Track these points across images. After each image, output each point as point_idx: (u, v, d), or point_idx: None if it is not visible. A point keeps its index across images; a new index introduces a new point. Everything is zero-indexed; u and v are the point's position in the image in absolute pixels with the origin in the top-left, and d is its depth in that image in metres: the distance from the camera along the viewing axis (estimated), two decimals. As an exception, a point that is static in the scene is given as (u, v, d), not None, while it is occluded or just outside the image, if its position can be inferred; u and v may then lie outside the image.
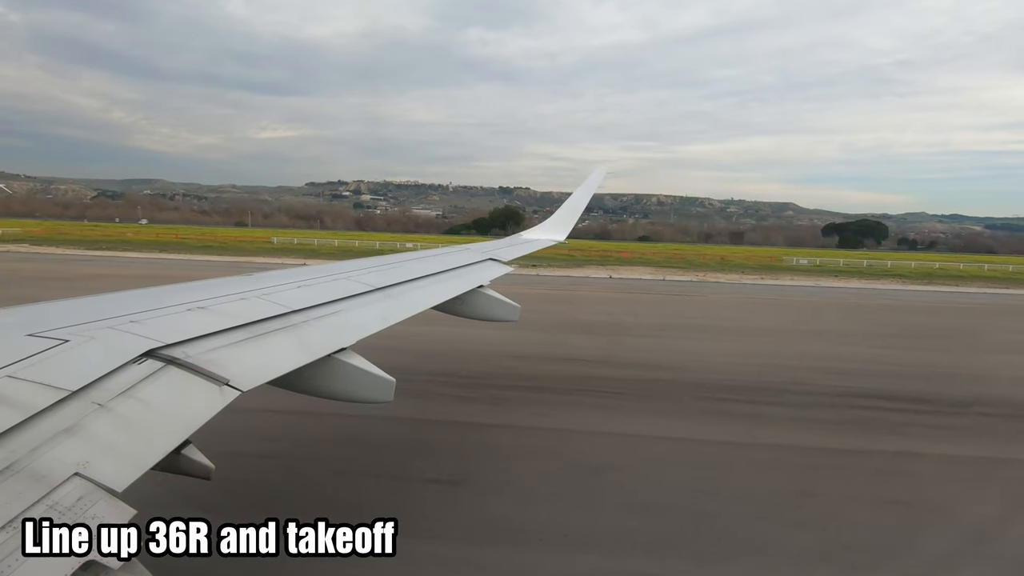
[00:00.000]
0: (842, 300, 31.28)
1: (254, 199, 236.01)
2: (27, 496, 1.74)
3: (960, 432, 10.19)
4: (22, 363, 2.34)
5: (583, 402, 10.84)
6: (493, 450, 8.46)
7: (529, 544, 5.98)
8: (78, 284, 25.16)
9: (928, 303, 31.54)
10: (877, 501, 7.31)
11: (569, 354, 14.67)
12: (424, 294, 5.97)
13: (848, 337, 19.22)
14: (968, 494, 7.70)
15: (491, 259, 8.82)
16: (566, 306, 24.21)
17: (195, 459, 2.55)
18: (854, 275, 48.50)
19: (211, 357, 2.96)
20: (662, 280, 39.17)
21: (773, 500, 7.20)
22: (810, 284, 39.87)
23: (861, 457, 8.75)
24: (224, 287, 4.27)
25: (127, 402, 2.36)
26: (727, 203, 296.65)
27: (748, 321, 22.38)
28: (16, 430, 1.96)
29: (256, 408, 9.06)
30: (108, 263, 36.73)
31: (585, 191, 14.32)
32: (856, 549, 6.15)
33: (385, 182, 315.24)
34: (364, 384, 3.93)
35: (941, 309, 29.23)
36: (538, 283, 32.27)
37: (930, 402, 11.78)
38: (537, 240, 12.34)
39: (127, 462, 2.10)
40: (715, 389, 11.99)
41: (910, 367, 14.96)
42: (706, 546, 6.09)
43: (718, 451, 8.74)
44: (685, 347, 16.78)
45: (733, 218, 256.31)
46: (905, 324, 23.34)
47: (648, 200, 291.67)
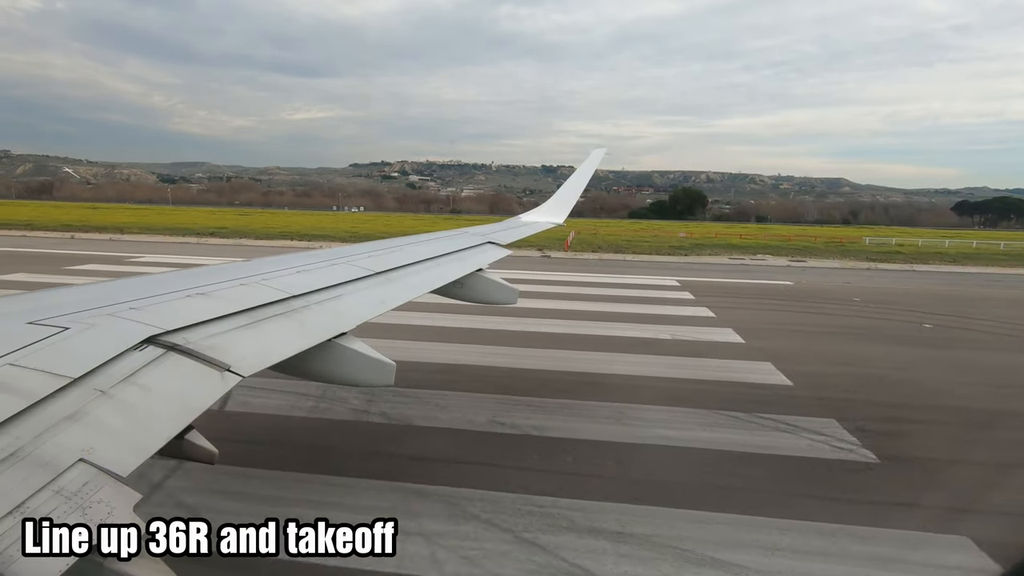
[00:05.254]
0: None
1: (330, 183, 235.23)
2: (33, 482, 1.76)
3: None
4: (24, 351, 2.34)
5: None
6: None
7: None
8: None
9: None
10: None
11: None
12: (423, 278, 5.97)
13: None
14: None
15: (489, 242, 8.80)
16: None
17: (198, 444, 2.57)
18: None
19: (212, 343, 2.97)
20: (901, 270, 33.40)
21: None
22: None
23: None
24: (224, 273, 4.26)
25: (129, 388, 2.38)
26: (777, 179, 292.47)
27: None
28: (20, 417, 1.97)
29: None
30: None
31: (583, 173, 14.23)
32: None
33: (428, 162, 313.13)
34: (364, 368, 3.95)
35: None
36: (790, 274, 29.14)
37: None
38: (535, 223, 12.30)
39: (131, 447, 2.12)
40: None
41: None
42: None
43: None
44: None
45: (790, 195, 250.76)
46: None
47: (697, 176, 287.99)
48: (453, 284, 6.69)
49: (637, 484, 7.00)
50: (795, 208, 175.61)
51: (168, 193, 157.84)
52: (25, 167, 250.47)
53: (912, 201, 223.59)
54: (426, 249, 7.11)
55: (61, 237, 40.62)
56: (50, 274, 22.08)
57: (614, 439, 8.26)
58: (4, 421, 1.92)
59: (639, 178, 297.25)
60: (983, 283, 29.24)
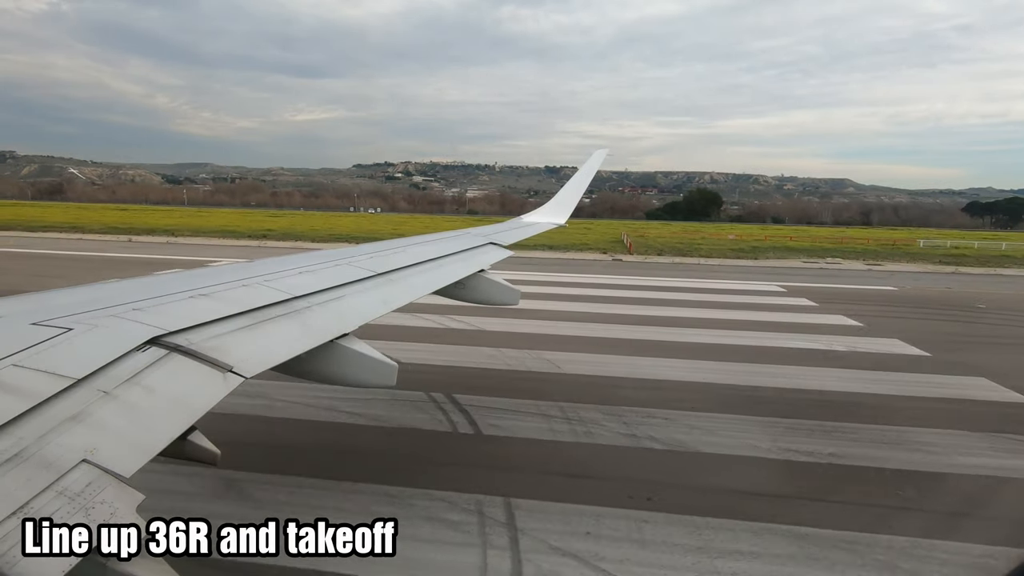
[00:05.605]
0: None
1: (334, 183, 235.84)
2: (37, 482, 1.77)
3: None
4: (27, 351, 2.35)
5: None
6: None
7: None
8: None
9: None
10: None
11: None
12: (425, 279, 5.98)
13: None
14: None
15: (491, 243, 8.81)
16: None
17: (201, 445, 2.58)
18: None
19: (214, 344, 2.98)
20: (987, 274, 32.14)
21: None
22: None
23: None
24: (225, 274, 4.28)
25: (132, 389, 2.39)
26: (781, 180, 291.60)
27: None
28: (23, 418, 1.98)
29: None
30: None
31: (585, 174, 14.23)
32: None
33: (432, 163, 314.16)
34: (367, 369, 3.96)
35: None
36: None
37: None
38: (537, 224, 12.29)
39: (134, 448, 2.13)
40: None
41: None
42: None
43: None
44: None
45: (794, 195, 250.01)
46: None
47: (701, 177, 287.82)
48: (455, 285, 6.69)
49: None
50: (804, 209, 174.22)
51: (184, 195, 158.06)
52: (30, 168, 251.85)
53: (918, 202, 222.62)
54: (428, 250, 7.13)
55: (118, 240, 40.23)
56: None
57: (922, 468, 7.58)
58: (7, 422, 1.93)
59: (643, 179, 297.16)
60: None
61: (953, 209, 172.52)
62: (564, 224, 12.93)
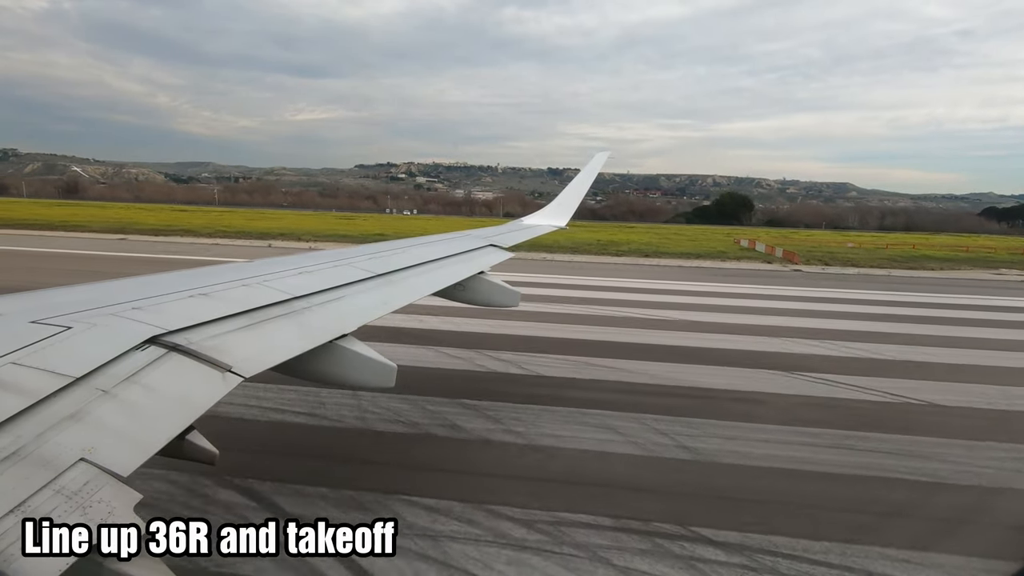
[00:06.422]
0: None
1: (338, 183, 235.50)
2: (34, 481, 1.77)
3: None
4: (26, 350, 2.36)
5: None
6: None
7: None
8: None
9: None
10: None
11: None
12: (425, 280, 5.98)
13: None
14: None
15: (492, 245, 8.81)
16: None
17: (199, 444, 2.58)
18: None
19: (214, 344, 2.98)
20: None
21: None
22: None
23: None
24: (225, 274, 4.28)
25: (131, 388, 2.39)
26: (784, 183, 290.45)
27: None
28: (22, 416, 1.99)
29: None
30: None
31: (586, 176, 14.22)
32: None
33: (434, 164, 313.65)
34: (366, 370, 3.95)
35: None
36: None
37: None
38: (538, 226, 12.29)
39: (132, 448, 2.13)
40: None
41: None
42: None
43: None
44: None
45: (797, 199, 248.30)
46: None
47: (703, 180, 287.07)
48: (454, 286, 6.69)
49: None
50: (839, 214, 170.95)
51: (214, 195, 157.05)
52: (34, 166, 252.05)
53: (920, 206, 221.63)
54: (428, 251, 7.13)
55: (216, 243, 36.56)
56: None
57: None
58: (6, 420, 1.93)
59: (645, 181, 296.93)
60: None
61: (959, 213, 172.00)
62: (565, 226, 12.93)
